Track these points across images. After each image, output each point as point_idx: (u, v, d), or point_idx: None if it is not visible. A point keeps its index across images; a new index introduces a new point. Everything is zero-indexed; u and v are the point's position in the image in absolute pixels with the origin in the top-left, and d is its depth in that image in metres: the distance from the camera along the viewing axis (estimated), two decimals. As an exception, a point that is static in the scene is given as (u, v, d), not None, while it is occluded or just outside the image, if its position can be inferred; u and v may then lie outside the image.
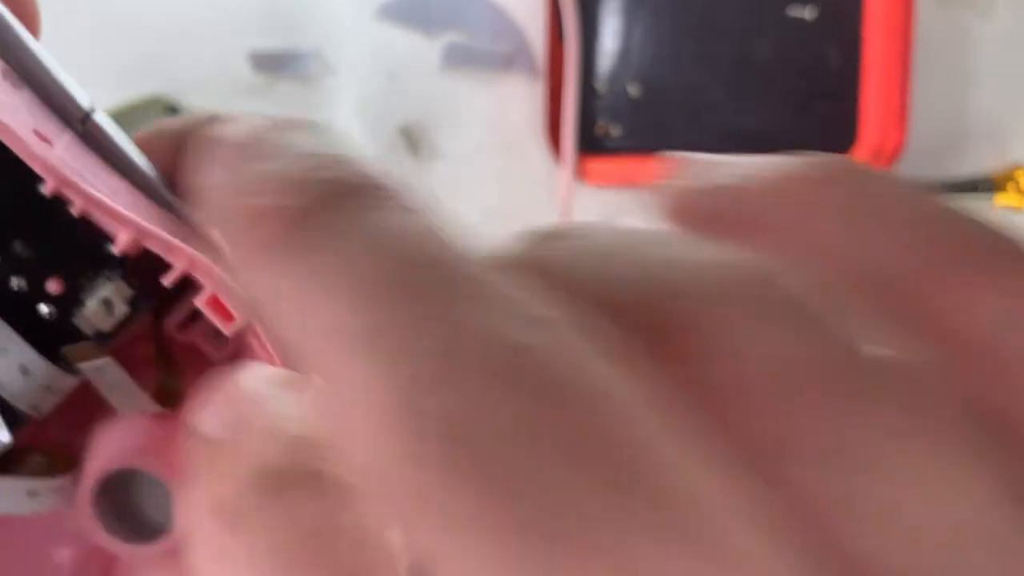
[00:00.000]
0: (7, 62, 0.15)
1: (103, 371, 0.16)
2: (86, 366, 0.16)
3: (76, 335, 0.16)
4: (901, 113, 0.46)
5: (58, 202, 0.15)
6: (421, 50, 0.48)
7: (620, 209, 0.49)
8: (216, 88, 0.47)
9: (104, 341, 0.16)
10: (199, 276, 0.15)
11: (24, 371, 0.16)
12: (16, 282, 0.16)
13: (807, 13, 0.47)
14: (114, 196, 0.15)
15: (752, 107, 0.48)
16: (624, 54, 0.48)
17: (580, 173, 0.47)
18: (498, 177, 0.49)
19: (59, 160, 0.14)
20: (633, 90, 0.48)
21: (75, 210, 0.15)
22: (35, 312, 0.16)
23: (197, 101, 0.47)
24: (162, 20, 0.47)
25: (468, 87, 0.48)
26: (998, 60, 0.49)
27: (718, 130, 0.48)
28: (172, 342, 0.17)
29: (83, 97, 0.16)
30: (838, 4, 0.47)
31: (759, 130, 0.48)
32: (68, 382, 0.16)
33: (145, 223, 0.15)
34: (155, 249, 0.15)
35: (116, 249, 0.15)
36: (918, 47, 0.46)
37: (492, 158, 0.49)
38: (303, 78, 0.47)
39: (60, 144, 0.15)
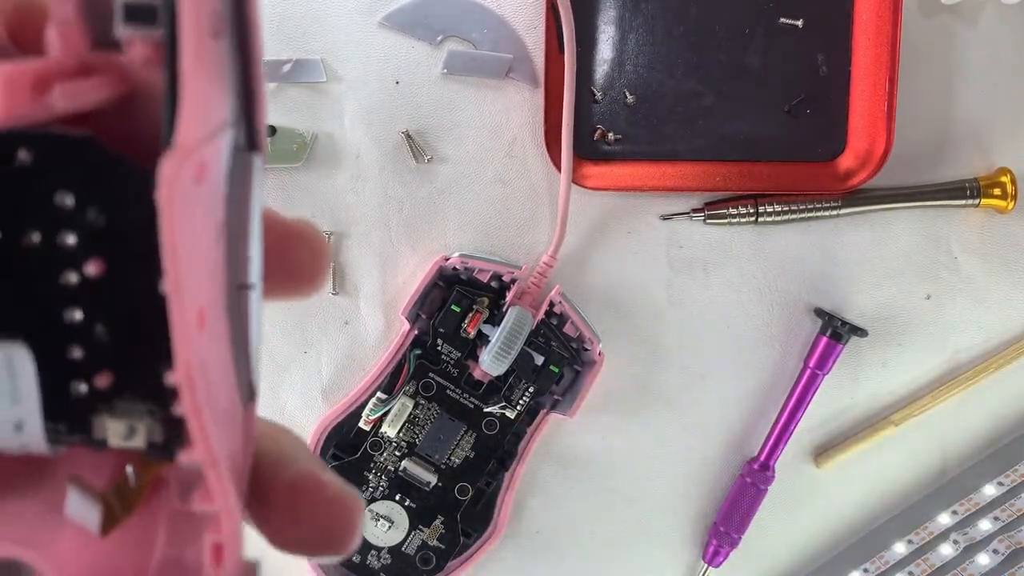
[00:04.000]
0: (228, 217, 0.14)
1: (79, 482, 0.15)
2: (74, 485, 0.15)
3: (82, 427, 0.15)
4: (888, 119, 0.47)
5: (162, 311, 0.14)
6: (424, 58, 0.48)
7: (616, 213, 0.50)
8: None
9: (97, 447, 0.16)
10: (222, 519, 0.15)
11: (18, 427, 0.15)
12: (75, 352, 0.15)
13: (798, 21, 0.48)
14: (213, 409, 0.14)
15: (744, 113, 0.48)
16: (620, 62, 0.48)
17: (578, 177, 0.48)
18: (499, 181, 0.49)
19: (197, 351, 0.13)
20: (629, 97, 0.48)
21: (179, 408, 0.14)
22: (68, 384, 0.15)
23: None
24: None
25: (470, 94, 0.49)
26: (983, 66, 0.50)
27: (711, 136, 0.49)
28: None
29: (256, 268, 0.16)
30: (828, 13, 0.48)
31: (750, 136, 0.49)
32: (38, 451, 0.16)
33: (216, 453, 0.14)
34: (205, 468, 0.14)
35: (185, 455, 0.15)
36: (905, 54, 0.47)
37: (493, 162, 0.49)
38: (310, 85, 0.48)
39: (210, 318, 0.14)
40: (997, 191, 0.50)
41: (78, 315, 0.15)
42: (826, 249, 0.51)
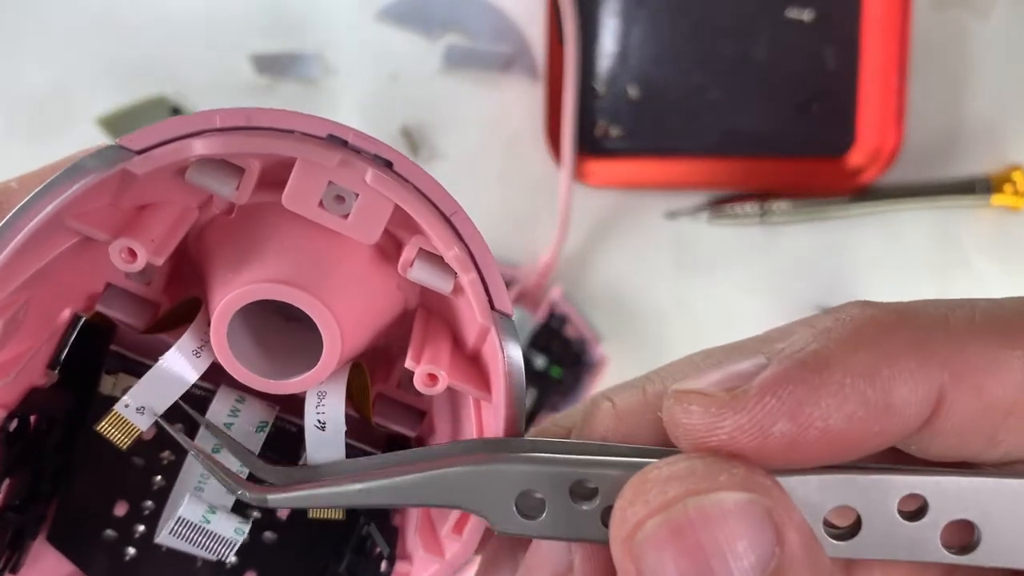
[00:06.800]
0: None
1: None
2: None
3: None
4: (898, 114, 0.46)
5: None
6: (422, 52, 0.48)
7: (619, 211, 0.50)
8: (219, 90, 0.47)
9: None
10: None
11: None
12: None
13: (805, 15, 0.47)
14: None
15: (750, 108, 0.48)
16: (623, 55, 0.48)
17: (579, 174, 0.47)
18: (498, 178, 0.49)
19: None
20: (632, 91, 0.48)
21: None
22: None
23: (200, 103, 0.47)
24: (165, 22, 0.47)
25: (468, 88, 0.48)
26: (995, 61, 0.49)
27: (717, 131, 0.48)
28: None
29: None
30: (836, 6, 0.47)
31: (757, 131, 0.48)
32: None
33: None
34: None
35: None
36: (915, 48, 0.46)
37: (492, 159, 0.49)
38: (305, 80, 0.48)
39: None
40: (1009, 188, 0.49)
41: None
42: (835, 247, 0.50)
